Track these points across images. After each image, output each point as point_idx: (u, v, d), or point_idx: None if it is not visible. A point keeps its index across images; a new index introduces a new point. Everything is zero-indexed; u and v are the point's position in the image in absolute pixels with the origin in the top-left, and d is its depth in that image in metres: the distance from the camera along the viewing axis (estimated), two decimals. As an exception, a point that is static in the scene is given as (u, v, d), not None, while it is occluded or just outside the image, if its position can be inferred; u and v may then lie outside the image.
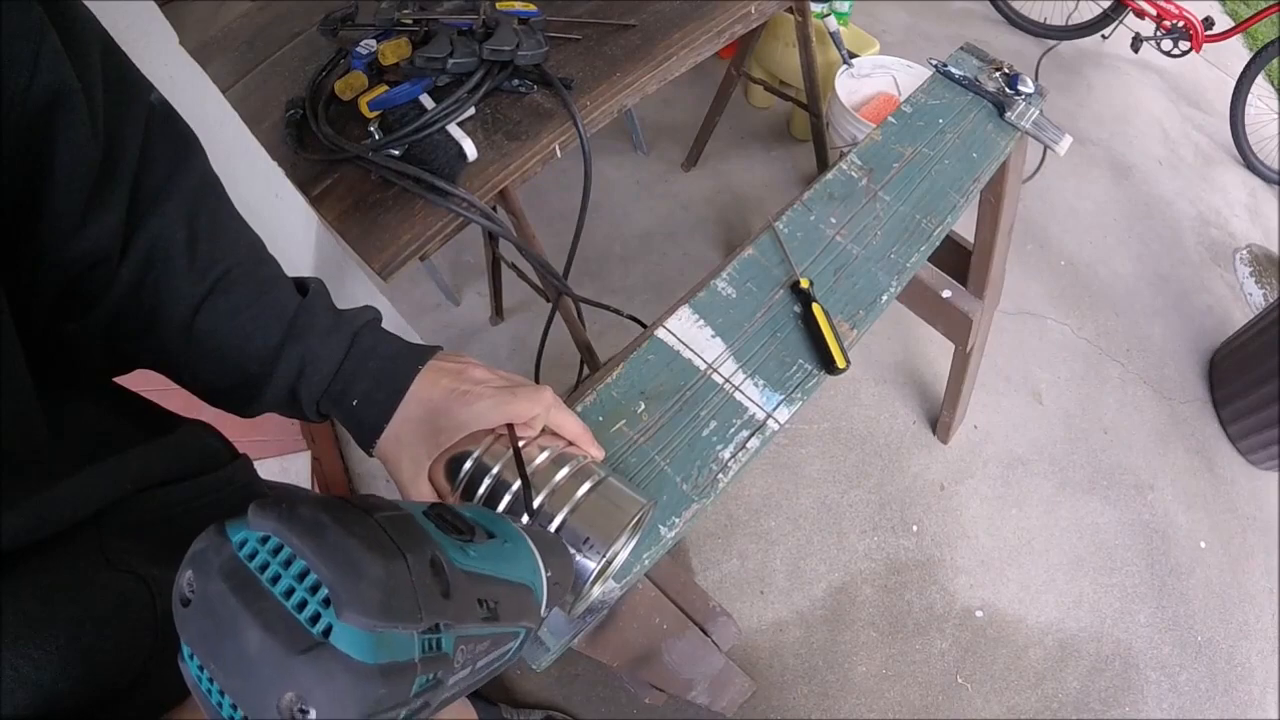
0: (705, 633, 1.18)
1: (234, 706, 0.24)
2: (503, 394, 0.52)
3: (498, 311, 2.11)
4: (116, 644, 0.38)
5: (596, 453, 0.58)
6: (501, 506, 0.51)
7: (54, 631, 0.35)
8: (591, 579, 0.50)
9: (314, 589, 0.25)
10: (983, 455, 2.00)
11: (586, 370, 1.69)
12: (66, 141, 0.40)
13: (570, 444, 0.56)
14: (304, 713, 0.23)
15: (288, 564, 0.25)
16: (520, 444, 0.52)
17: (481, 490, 0.51)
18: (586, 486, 0.52)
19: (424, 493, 0.52)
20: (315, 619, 0.24)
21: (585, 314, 1.60)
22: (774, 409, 0.81)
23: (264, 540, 0.26)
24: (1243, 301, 2.56)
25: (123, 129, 0.44)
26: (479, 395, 0.52)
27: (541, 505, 0.51)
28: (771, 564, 1.77)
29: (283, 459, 1.60)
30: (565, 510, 0.51)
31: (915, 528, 1.86)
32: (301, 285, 0.55)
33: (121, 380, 0.53)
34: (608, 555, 0.51)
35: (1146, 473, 2.05)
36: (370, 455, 0.54)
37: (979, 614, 1.76)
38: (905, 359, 2.16)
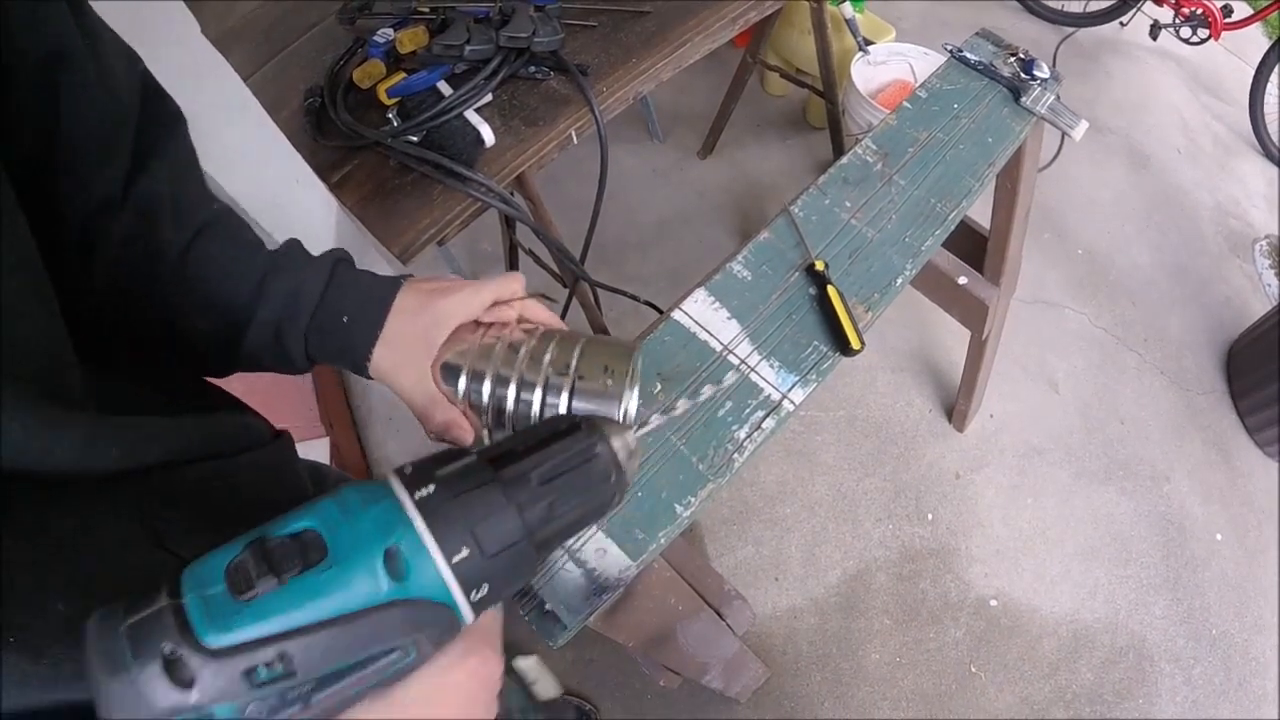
0: (720, 615, 1.19)
1: None
2: (479, 281, 0.56)
3: (513, 300, 2.12)
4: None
5: None
6: (510, 404, 0.53)
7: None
8: (626, 404, 0.53)
9: None
10: (998, 444, 2.00)
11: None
12: (72, 98, 0.42)
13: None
14: None
15: None
16: (502, 332, 0.55)
17: (486, 390, 0.54)
18: (582, 341, 0.55)
19: (434, 394, 0.54)
20: None
21: (602, 301, 1.60)
22: (789, 390, 0.81)
23: None
24: (1261, 293, 2.53)
25: (124, 88, 0.47)
26: (458, 287, 0.55)
27: (546, 373, 0.53)
28: (786, 551, 1.77)
29: (301, 445, 1.61)
30: (574, 360, 0.53)
31: (930, 516, 1.86)
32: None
33: None
34: (627, 386, 0.53)
35: (1163, 464, 2.03)
36: (368, 377, 0.56)
37: (993, 603, 1.76)
38: (921, 347, 2.15)
